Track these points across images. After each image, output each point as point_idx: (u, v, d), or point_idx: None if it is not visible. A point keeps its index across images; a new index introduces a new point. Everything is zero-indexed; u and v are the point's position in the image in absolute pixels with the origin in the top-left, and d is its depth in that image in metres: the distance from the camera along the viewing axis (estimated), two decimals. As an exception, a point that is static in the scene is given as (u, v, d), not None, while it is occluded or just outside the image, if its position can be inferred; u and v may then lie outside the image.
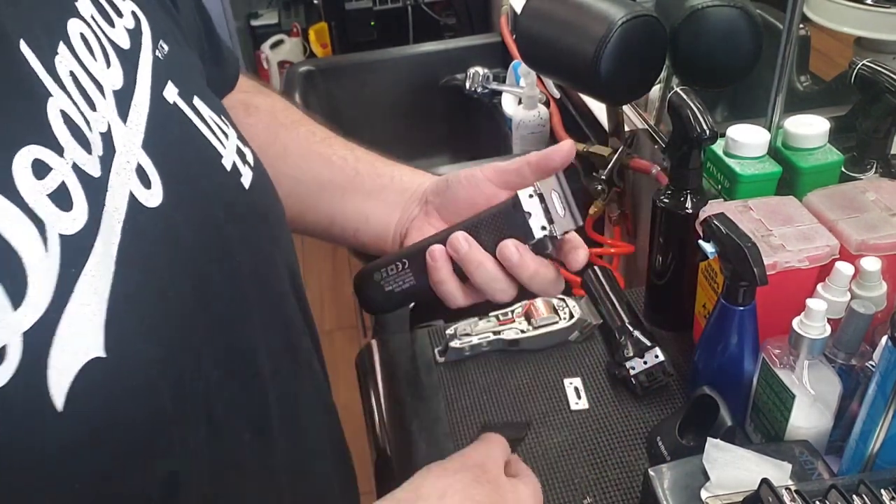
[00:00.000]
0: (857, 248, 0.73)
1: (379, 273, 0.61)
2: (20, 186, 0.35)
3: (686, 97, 0.81)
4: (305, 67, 1.71)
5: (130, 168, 0.42)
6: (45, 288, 0.35)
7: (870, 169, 0.86)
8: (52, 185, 0.37)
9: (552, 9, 0.95)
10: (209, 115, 0.53)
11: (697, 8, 0.93)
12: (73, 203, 0.38)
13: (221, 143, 0.52)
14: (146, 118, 0.46)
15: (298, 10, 3.40)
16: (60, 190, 0.37)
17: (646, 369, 0.84)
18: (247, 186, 0.53)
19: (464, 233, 0.58)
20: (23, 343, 0.34)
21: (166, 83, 0.50)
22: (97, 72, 0.44)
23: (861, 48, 0.93)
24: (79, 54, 0.43)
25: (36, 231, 0.36)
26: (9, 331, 0.34)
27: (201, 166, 0.49)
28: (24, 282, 0.35)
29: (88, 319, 0.37)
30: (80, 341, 0.36)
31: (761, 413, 0.73)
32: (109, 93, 0.44)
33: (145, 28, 0.50)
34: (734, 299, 0.71)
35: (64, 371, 0.35)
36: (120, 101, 0.44)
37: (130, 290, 0.39)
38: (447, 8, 2.76)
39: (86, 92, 0.42)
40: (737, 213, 0.78)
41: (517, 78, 1.50)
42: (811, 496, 0.57)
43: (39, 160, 0.37)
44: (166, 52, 0.51)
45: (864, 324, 0.66)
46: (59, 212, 0.37)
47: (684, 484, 0.64)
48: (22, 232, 0.35)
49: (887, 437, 0.62)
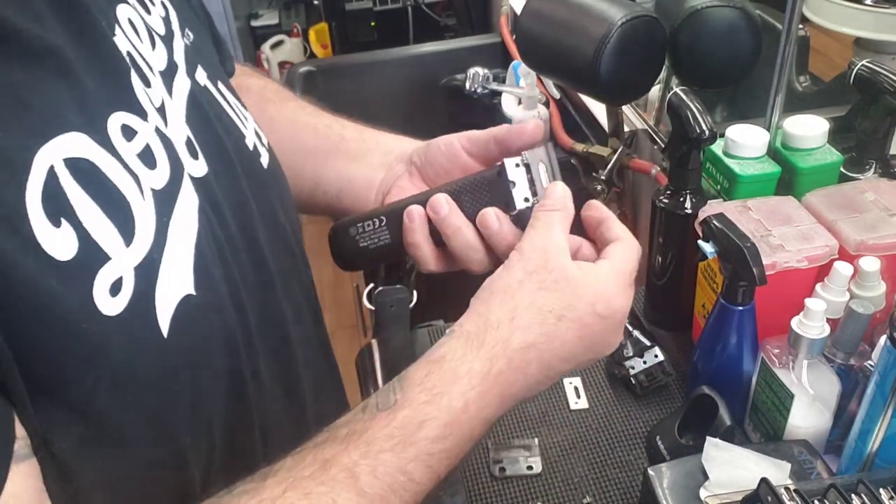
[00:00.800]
0: (856, 248, 0.73)
1: (355, 228, 0.60)
2: (116, 145, 0.40)
3: (686, 97, 0.81)
4: (306, 68, 1.71)
5: (181, 140, 0.46)
6: (148, 230, 0.40)
7: (869, 169, 0.86)
8: (139, 146, 0.42)
9: (552, 9, 0.95)
10: (232, 99, 0.57)
11: (697, 8, 0.93)
12: (157, 163, 0.43)
13: (244, 124, 0.56)
14: (187, 97, 0.50)
15: (299, 10, 3.40)
16: (146, 151, 0.42)
17: (645, 369, 0.84)
18: (265, 166, 0.58)
19: (445, 195, 0.57)
20: (135, 276, 0.39)
21: (197, 67, 0.54)
22: (145, 53, 0.48)
23: (860, 48, 0.94)
24: (129, 37, 0.46)
25: (134, 183, 0.40)
26: (124, 265, 0.38)
27: (231, 144, 0.53)
28: (133, 223, 0.40)
29: (182, 260, 0.42)
30: (178, 278, 0.42)
31: (760, 412, 0.73)
32: (157, 72, 0.48)
33: (173, 17, 0.54)
34: (733, 299, 0.71)
35: (167, 303, 0.40)
36: (165, 79, 0.49)
37: (207, 243, 0.45)
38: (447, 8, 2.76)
39: (140, 70, 0.46)
40: (736, 214, 0.78)
41: (517, 78, 1.50)
42: (810, 495, 0.57)
43: (127, 125, 0.42)
44: (192, 40, 0.55)
45: (862, 323, 0.66)
46: (147, 170, 0.42)
47: (684, 483, 0.64)
48: (126, 183, 0.40)
49: (886, 437, 0.62)
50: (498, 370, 0.46)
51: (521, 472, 0.78)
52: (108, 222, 0.38)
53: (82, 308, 0.36)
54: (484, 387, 0.46)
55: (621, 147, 1.14)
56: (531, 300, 0.48)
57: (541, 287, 0.49)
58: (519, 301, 0.48)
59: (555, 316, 0.48)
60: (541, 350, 0.48)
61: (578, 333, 0.49)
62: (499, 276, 0.50)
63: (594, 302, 0.49)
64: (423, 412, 0.44)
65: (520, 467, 0.78)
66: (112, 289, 0.37)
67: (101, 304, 0.37)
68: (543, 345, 0.48)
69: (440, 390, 0.45)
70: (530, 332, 0.48)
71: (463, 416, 0.45)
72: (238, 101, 0.58)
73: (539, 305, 0.48)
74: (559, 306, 0.48)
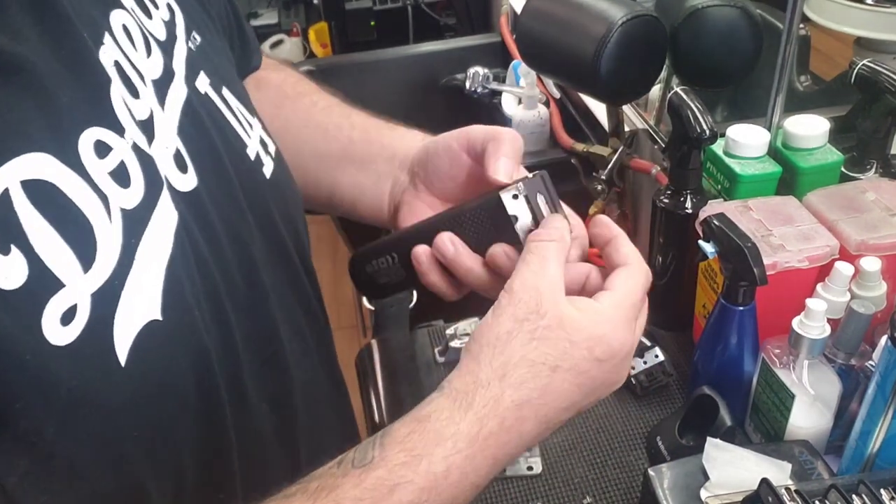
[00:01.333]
0: (857, 248, 0.73)
1: (370, 265, 0.60)
2: (86, 164, 0.39)
3: (686, 97, 0.81)
4: (305, 67, 1.71)
5: (169, 153, 0.45)
6: (111, 254, 0.39)
7: (870, 169, 0.86)
8: (112, 164, 0.40)
9: (552, 9, 0.95)
10: (237, 105, 0.55)
11: (697, 8, 0.93)
12: (132, 181, 0.41)
13: (247, 132, 0.55)
14: (181, 106, 0.48)
15: (298, 9, 3.40)
16: (120, 168, 0.41)
17: (646, 369, 0.84)
18: (268, 176, 0.56)
19: (449, 235, 0.54)
20: (91, 303, 0.37)
21: (199, 73, 0.52)
22: (138, 61, 0.46)
23: (861, 48, 0.94)
24: (121, 45, 0.45)
25: (101, 204, 0.39)
26: (79, 292, 0.37)
27: (229, 155, 0.51)
28: (94, 248, 0.38)
29: (149, 285, 0.41)
30: (142, 304, 0.40)
31: (761, 413, 0.73)
32: (149, 81, 0.47)
33: (179, 20, 0.53)
34: (734, 299, 0.71)
35: (127, 330, 0.39)
36: (159, 89, 0.47)
37: (183, 263, 0.43)
38: (447, 8, 2.76)
39: (129, 80, 0.44)
40: (737, 213, 0.78)
41: (517, 78, 1.50)
42: (811, 496, 0.57)
43: (101, 141, 0.40)
44: (199, 43, 0.54)
45: (863, 324, 0.66)
46: (119, 188, 0.40)
47: (684, 484, 0.64)
48: (91, 204, 0.38)
49: (887, 437, 0.62)
50: (488, 431, 0.43)
51: (521, 472, 0.78)
52: (65, 248, 0.37)
53: (28, 338, 0.35)
54: (471, 450, 0.43)
55: (622, 147, 1.14)
56: (522, 354, 0.45)
57: (532, 337, 0.45)
58: (509, 356, 0.45)
59: (549, 368, 0.45)
60: (536, 406, 0.45)
61: (576, 382, 0.45)
62: (488, 325, 0.46)
63: (592, 347, 0.45)
64: (398, 475, 0.41)
65: (520, 467, 0.78)
66: (64, 317, 0.36)
67: (50, 334, 0.35)
68: (538, 399, 0.44)
69: (420, 452, 0.42)
70: (523, 388, 0.44)
71: (444, 481, 0.42)
72: (244, 107, 0.57)
73: (531, 359, 0.45)
74: (553, 356, 0.45)
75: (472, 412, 0.43)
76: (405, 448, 0.42)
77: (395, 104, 1.75)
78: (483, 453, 0.43)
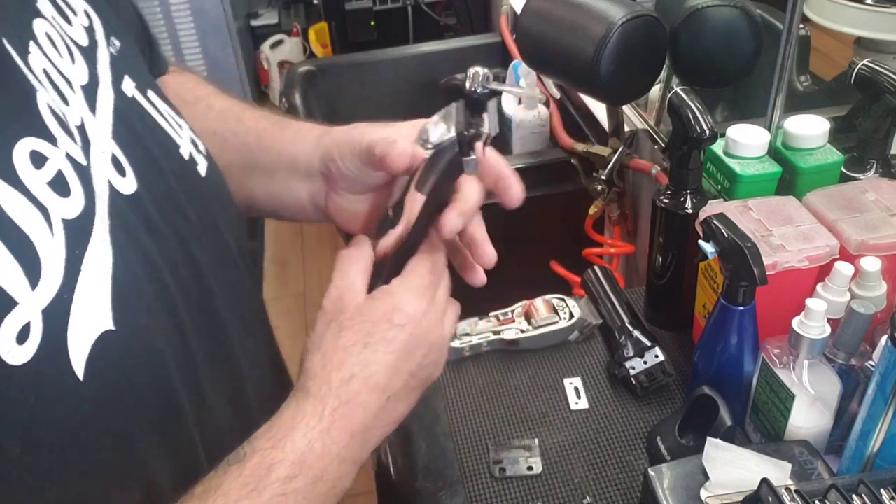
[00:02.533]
0: (857, 248, 0.73)
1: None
2: (23, 176, 0.38)
3: (686, 97, 0.81)
4: (305, 67, 1.71)
5: (106, 158, 0.45)
6: (56, 268, 0.38)
7: (870, 169, 0.86)
8: (49, 174, 0.39)
9: (552, 9, 0.95)
10: (164, 107, 0.55)
11: (697, 8, 0.93)
12: (71, 190, 0.41)
13: (178, 133, 0.55)
14: (112, 111, 0.48)
15: (298, 10, 3.40)
16: (58, 178, 0.40)
17: (646, 369, 0.84)
18: (203, 174, 0.56)
19: (448, 215, 0.53)
20: (43, 320, 0.37)
21: (123, 77, 0.51)
22: (64, 68, 0.45)
23: (861, 48, 0.93)
24: (47, 52, 0.44)
25: (41, 217, 0.38)
26: (30, 309, 0.36)
27: (164, 156, 0.51)
28: (38, 263, 0.37)
29: (97, 296, 0.40)
30: (93, 316, 0.40)
31: (761, 413, 0.73)
32: (78, 87, 0.46)
33: (98, 26, 0.52)
34: (734, 299, 0.71)
35: (81, 343, 0.38)
36: (88, 95, 0.47)
37: (129, 269, 0.43)
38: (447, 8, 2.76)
39: (58, 88, 0.44)
40: (737, 213, 0.78)
41: (517, 78, 1.50)
42: (811, 496, 0.57)
43: (36, 151, 0.39)
44: (119, 48, 0.53)
45: (863, 324, 0.66)
46: (59, 198, 0.39)
47: (684, 484, 0.64)
48: (30, 218, 0.37)
49: (887, 437, 0.62)
50: (331, 408, 0.49)
51: (521, 472, 0.78)
52: (12, 264, 0.36)
53: None
54: (323, 425, 0.48)
55: (622, 147, 1.14)
56: (335, 344, 0.51)
57: (340, 329, 0.51)
58: (325, 349, 0.51)
59: (360, 346, 0.51)
60: (362, 378, 0.50)
61: (389, 350, 0.51)
62: (308, 338, 0.53)
63: (389, 317, 0.51)
64: (271, 457, 0.46)
65: (520, 468, 0.78)
66: (19, 336, 0.35)
67: (6, 354, 0.35)
68: (362, 373, 0.50)
69: (283, 437, 0.47)
70: (344, 367, 0.50)
71: (310, 455, 0.47)
72: (171, 109, 0.56)
73: (343, 345, 0.51)
74: (360, 336, 0.51)
75: (311, 398, 0.49)
76: (269, 438, 0.47)
77: (394, 104, 1.75)
78: (335, 426, 0.48)
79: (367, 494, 0.66)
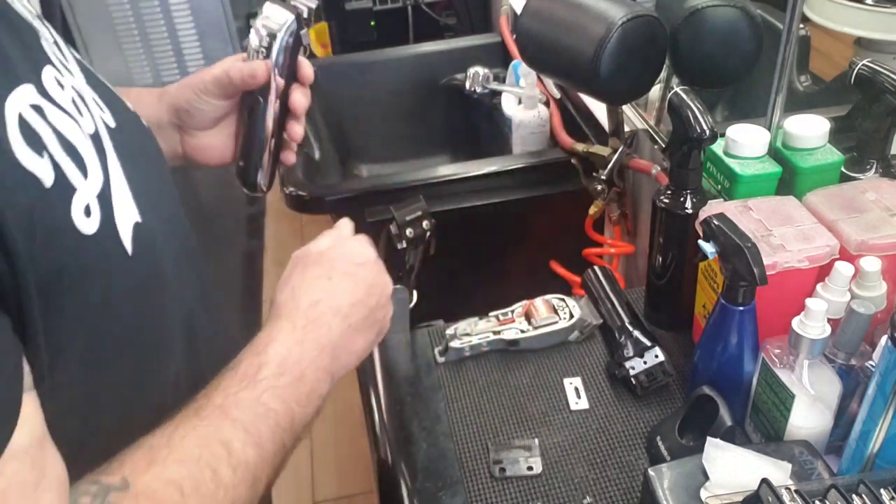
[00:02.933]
0: (857, 248, 0.73)
1: None
2: (53, 94, 0.47)
3: (686, 97, 0.81)
4: (305, 67, 1.71)
5: (90, 98, 0.54)
6: (95, 165, 0.48)
7: (870, 169, 0.86)
8: (68, 97, 0.49)
9: (552, 9, 0.95)
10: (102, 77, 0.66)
11: (697, 8, 0.93)
12: (83, 111, 0.50)
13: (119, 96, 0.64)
14: (80, 69, 0.57)
15: (298, 9, 3.39)
16: (75, 100, 0.50)
17: (646, 369, 0.84)
18: (144, 124, 0.66)
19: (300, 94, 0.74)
20: (99, 203, 0.47)
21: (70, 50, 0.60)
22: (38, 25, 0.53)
23: (861, 48, 0.93)
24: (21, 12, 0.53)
25: (77, 126, 0.48)
26: (88, 193, 0.46)
27: (122, 105, 0.61)
28: (83, 160, 0.47)
29: (124, 193, 0.50)
30: (127, 208, 0.50)
31: (761, 413, 0.73)
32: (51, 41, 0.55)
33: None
34: (734, 299, 0.71)
35: (125, 228, 0.49)
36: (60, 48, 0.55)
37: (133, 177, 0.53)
38: (447, 8, 2.76)
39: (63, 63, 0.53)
40: (737, 213, 0.78)
41: (517, 78, 1.50)
42: (811, 496, 0.57)
43: (56, 78, 0.49)
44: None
45: (863, 324, 0.66)
46: (79, 115, 0.49)
47: (684, 484, 0.64)
48: (69, 126, 0.47)
49: (887, 437, 0.62)
50: (302, 325, 0.58)
51: (521, 472, 0.78)
52: (68, 158, 0.45)
53: (66, 227, 0.43)
54: (295, 337, 0.57)
55: (622, 147, 1.14)
56: (302, 276, 0.62)
57: (305, 267, 0.63)
58: (295, 282, 0.62)
59: (325, 278, 0.62)
60: (328, 302, 0.60)
61: (352, 282, 0.63)
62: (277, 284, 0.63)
63: (349, 258, 0.65)
64: (258, 361, 0.55)
65: (520, 468, 0.78)
66: (85, 212, 0.45)
67: (81, 225, 0.44)
68: (328, 298, 0.61)
69: (264, 346, 0.56)
70: (312, 293, 0.61)
71: (289, 359, 0.56)
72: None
73: (310, 277, 0.62)
74: (324, 271, 0.63)
75: (284, 317, 0.59)
76: (253, 350, 0.56)
77: (395, 104, 1.75)
78: (307, 338, 0.58)
79: (367, 494, 0.66)
